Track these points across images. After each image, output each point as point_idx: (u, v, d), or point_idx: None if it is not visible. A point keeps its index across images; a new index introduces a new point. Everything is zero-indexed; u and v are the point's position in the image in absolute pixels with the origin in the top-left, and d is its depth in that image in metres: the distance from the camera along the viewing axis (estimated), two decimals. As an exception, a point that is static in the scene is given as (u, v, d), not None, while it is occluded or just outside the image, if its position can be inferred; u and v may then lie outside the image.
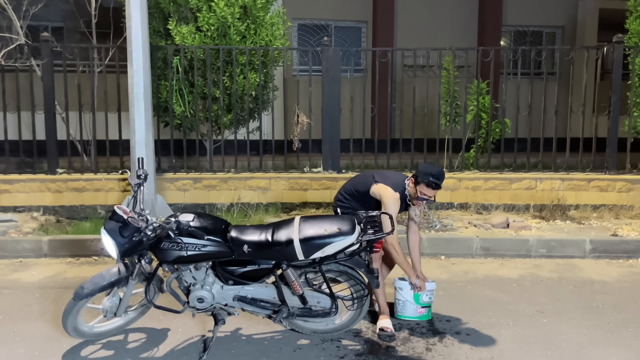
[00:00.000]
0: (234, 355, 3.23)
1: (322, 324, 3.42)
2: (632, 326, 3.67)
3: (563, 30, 13.86)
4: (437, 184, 3.42)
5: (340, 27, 13.02)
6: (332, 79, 6.64)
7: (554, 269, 4.95)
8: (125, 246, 2.96)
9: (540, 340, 3.45)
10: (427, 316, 3.69)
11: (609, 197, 6.48)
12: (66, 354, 3.23)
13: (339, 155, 6.75)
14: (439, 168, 3.56)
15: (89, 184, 6.43)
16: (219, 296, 3.21)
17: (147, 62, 5.53)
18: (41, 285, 4.45)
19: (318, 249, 3.03)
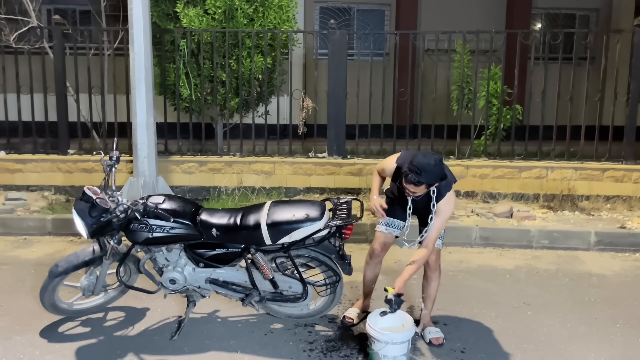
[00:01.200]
0: (205, 336, 3.26)
1: (296, 309, 3.41)
2: (621, 322, 3.53)
3: (598, 13, 13.30)
4: (412, 180, 2.83)
5: (362, 10, 12.83)
6: (339, 62, 6.54)
7: (553, 261, 4.80)
8: (93, 226, 3.01)
9: (518, 333, 3.36)
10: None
11: (624, 188, 6.22)
12: (45, 329, 3.32)
13: (345, 140, 6.68)
14: (429, 160, 2.83)
15: (98, 165, 6.56)
16: (191, 278, 3.24)
17: (149, 44, 5.56)
18: (38, 262, 4.58)
19: (285, 234, 3.01)
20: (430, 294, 3.31)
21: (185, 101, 6.76)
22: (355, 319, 3.41)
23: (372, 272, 3.46)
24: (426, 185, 2.89)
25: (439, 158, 2.85)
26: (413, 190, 2.92)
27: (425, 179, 2.83)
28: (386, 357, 2.79)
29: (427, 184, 2.88)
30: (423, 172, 2.80)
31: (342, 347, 3.14)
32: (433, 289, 3.31)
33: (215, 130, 7.17)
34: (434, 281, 3.30)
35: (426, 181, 2.85)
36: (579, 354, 3.10)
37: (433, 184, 2.91)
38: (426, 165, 2.81)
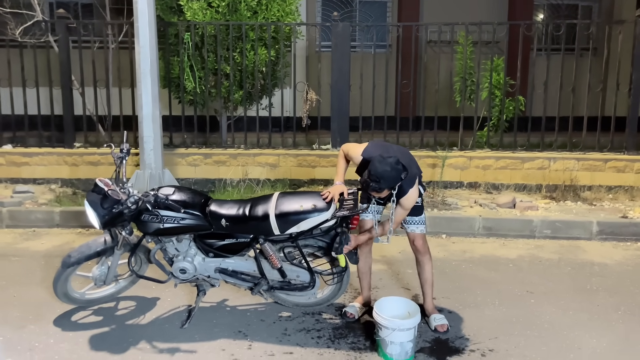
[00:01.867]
0: (215, 324, 3.32)
1: (304, 298, 3.47)
2: (622, 309, 3.59)
3: (600, 4, 13.26)
4: (372, 187, 2.90)
5: (365, 1, 12.83)
6: (342, 55, 6.58)
7: (555, 251, 4.86)
8: (105, 217, 3.07)
9: (522, 320, 3.42)
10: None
11: (626, 178, 6.27)
12: (58, 318, 3.39)
13: (348, 132, 6.72)
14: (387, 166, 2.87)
15: (104, 158, 6.63)
16: (201, 268, 3.30)
17: (154, 38, 5.60)
18: (48, 254, 4.66)
19: (293, 224, 3.07)
20: (427, 279, 3.38)
21: (189, 94, 6.81)
22: (357, 314, 3.44)
23: (364, 262, 3.50)
24: (388, 189, 2.98)
25: (394, 161, 2.89)
26: (377, 195, 3.05)
27: (385, 185, 2.91)
28: (393, 343, 2.86)
29: (389, 188, 2.97)
30: (382, 179, 2.88)
31: (349, 335, 3.21)
32: (428, 273, 3.38)
33: (220, 123, 7.22)
34: (426, 264, 3.37)
35: (387, 187, 2.93)
36: (581, 340, 3.16)
37: (394, 186, 2.99)
38: (383, 173, 2.88)
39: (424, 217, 3.34)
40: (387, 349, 2.88)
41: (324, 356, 2.96)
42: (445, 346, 3.09)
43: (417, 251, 3.34)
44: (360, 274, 3.52)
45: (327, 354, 2.98)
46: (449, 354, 3.00)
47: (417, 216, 3.26)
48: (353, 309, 3.45)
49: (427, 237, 4.18)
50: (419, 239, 3.29)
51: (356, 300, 3.55)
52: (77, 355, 2.96)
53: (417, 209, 3.25)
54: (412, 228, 3.27)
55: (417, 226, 3.28)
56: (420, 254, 3.34)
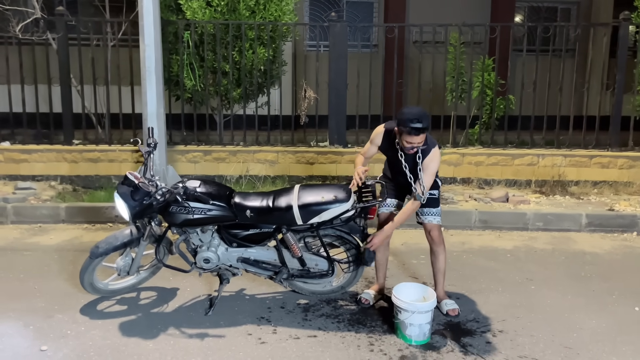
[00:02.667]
0: (237, 312, 3.47)
1: (320, 286, 3.65)
2: (616, 294, 3.85)
3: (578, 6, 13.71)
4: (418, 128, 3.02)
5: (352, 1, 13.03)
6: (339, 54, 6.76)
7: (548, 241, 5.12)
8: (136, 209, 3.19)
9: (525, 305, 3.65)
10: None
11: (610, 173, 6.59)
12: (83, 307, 3.50)
13: (345, 129, 6.91)
14: (418, 109, 3.11)
15: (104, 155, 6.69)
16: (224, 257, 3.44)
17: (159, 36, 5.70)
18: (59, 248, 4.73)
19: (315, 215, 3.24)
20: (440, 268, 3.57)
21: (188, 92, 6.91)
22: (372, 301, 3.62)
23: (382, 254, 3.67)
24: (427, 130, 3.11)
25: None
26: (418, 141, 3.10)
27: (426, 123, 3.05)
28: (412, 325, 3.05)
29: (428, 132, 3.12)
30: (422, 117, 3.04)
31: (367, 319, 3.40)
32: (441, 262, 3.56)
33: (217, 120, 7.33)
34: (440, 255, 3.55)
35: (427, 124, 3.06)
36: (582, 322, 3.40)
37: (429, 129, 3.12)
38: (420, 112, 3.07)
39: (440, 209, 3.51)
40: (406, 331, 3.08)
41: (346, 339, 3.14)
42: (458, 328, 3.30)
43: (432, 242, 3.51)
44: (378, 264, 3.68)
45: (349, 337, 3.16)
46: (462, 335, 3.20)
47: (434, 208, 3.45)
48: (368, 295, 3.63)
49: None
50: (435, 229, 3.47)
51: (371, 288, 3.72)
52: (110, 341, 3.07)
53: (434, 201, 3.44)
54: (429, 219, 3.45)
55: (434, 217, 3.46)
56: (436, 244, 3.51)
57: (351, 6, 13.04)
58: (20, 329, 3.20)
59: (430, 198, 3.38)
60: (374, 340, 3.12)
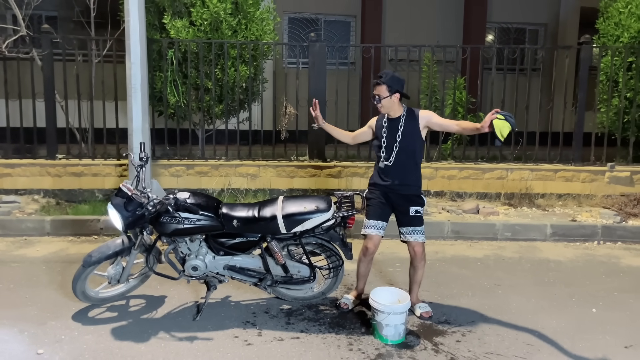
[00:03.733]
0: (224, 317, 3.66)
1: (301, 292, 3.87)
2: (576, 297, 4.16)
3: (546, 28, 14.35)
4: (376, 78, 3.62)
5: (329, 20, 13.41)
6: (319, 73, 7.05)
7: (516, 250, 5.44)
8: (129, 219, 3.38)
9: (493, 307, 3.93)
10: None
11: (573, 186, 6.98)
12: (75, 314, 3.65)
13: (324, 145, 7.18)
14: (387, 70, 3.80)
15: (87, 169, 6.82)
16: (211, 265, 3.64)
17: (145, 54, 5.90)
18: (46, 260, 4.86)
19: (298, 224, 3.47)
20: (417, 280, 3.82)
21: (171, 107, 7.11)
22: (350, 305, 3.84)
23: (366, 268, 3.90)
24: (387, 87, 3.57)
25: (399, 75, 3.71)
26: (377, 92, 3.61)
27: (384, 79, 3.57)
28: (388, 325, 3.29)
29: (387, 85, 3.57)
30: (384, 74, 3.61)
31: (346, 323, 3.62)
32: (419, 276, 3.81)
33: (198, 135, 7.53)
34: (420, 269, 3.79)
35: (385, 81, 3.57)
36: (544, 322, 3.68)
37: (392, 86, 3.59)
38: (389, 71, 3.66)
39: (424, 227, 3.73)
40: (382, 331, 3.31)
41: (327, 339, 3.36)
42: (430, 329, 3.55)
43: (415, 257, 3.75)
44: (360, 276, 3.91)
45: (330, 338, 3.38)
46: (434, 335, 3.45)
47: (419, 226, 3.68)
48: (347, 300, 3.86)
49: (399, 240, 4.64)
50: (419, 246, 3.71)
51: (351, 294, 3.95)
52: (103, 345, 3.24)
53: (418, 219, 3.68)
54: (414, 237, 3.67)
55: (419, 235, 3.68)
56: (417, 260, 3.75)
57: (329, 25, 13.43)
58: (16, 335, 3.34)
59: (415, 216, 3.63)
60: (353, 341, 3.35)
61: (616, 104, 7.26)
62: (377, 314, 3.33)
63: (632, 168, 7.00)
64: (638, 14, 7.06)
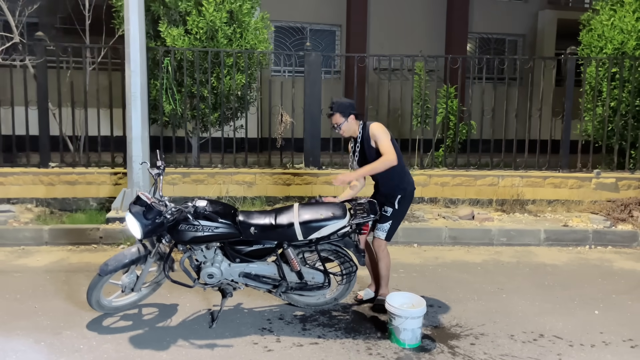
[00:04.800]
0: (239, 324, 3.69)
1: (314, 298, 3.92)
2: (577, 300, 4.30)
3: (524, 39, 14.76)
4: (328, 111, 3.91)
5: (315, 30, 13.56)
6: (314, 81, 7.14)
7: (513, 255, 5.59)
8: (148, 227, 3.38)
9: (500, 311, 4.04)
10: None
11: (561, 193, 7.20)
12: (89, 324, 3.63)
13: (319, 152, 7.26)
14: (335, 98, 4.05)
15: (81, 177, 6.75)
16: (227, 273, 3.67)
17: (144, 62, 5.90)
18: (48, 270, 4.80)
19: (315, 231, 3.53)
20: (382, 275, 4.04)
21: (166, 116, 7.10)
22: (363, 297, 4.12)
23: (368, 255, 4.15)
24: (340, 114, 3.85)
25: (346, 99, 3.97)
26: (334, 122, 3.89)
27: (336, 108, 3.85)
28: (406, 329, 3.37)
29: (339, 112, 3.84)
30: (334, 104, 3.89)
31: (361, 328, 3.69)
32: (384, 269, 4.03)
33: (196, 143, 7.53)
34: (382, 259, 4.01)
35: (337, 110, 3.85)
36: (551, 324, 3.81)
37: (343, 111, 3.86)
38: (337, 99, 3.93)
39: (388, 225, 3.96)
40: (400, 335, 3.39)
41: (345, 344, 3.42)
42: (443, 332, 3.64)
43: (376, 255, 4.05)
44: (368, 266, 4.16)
45: (348, 343, 3.44)
46: (449, 338, 3.54)
47: (381, 223, 3.95)
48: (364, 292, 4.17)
49: (401, 247, 4.92)
50: (376, 241, 4.00)
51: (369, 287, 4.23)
52: (123, 353, 3.23)
53: (384, 217, 3.94)
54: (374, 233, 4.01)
55: (377, 231, 3.98)
56: (377, 252, 4.03)
57: (314, 34, 13.57)
58: (33, 346, 3.31)
59: (381, 214, 3.91)
60: (371, 345, 3.42)
61: (600, 113, 7.53)
62: (394, 318, 3.40)
63: (616, 175, 7.25)
64: (621, 27, 7.35)
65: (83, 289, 4.23)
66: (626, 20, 7.30)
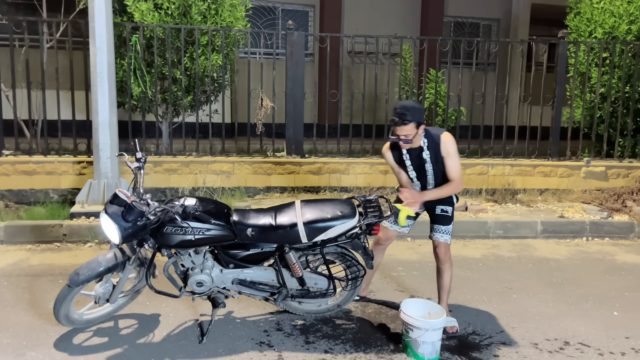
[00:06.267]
0: (233, 337, 3.24)
1: (314, 305, 3.50)
2: (591, 300, 4.04)
3: (499, 23, 14.56)
4: (397, 117, 3.11)
5: (287, 9, 12.99)
6: (297, 63, 6.65)
7: (511, 249, 5.31)
8: (128, 230, 2.88)
9: (515, 314, 3.73)
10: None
11: (551, 181, 6.98)
12: (57, 342, 3.11)
13: (302, 139, 6.80)
14: (408, 102, 3.20)
15: (40, 167, 6.10)
16: (218, 280, 3.21)
17: (111, 39, 5.29)
18: (6, 274, 4.21)
19: (321, 232, 3.10)
20: (444, 286, 3.53)
21: (134, 99, 6.49)
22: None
23: (377, 257, 3.69)
24: (415, 124, 3.12)
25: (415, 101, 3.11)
26: (404, 133, 3.13)
27: (410, 116, 3.08)
28: (425, 343, 2.99)
29: (415, 122, 3.11)
30: (406, 110, 3.09)
31: (371, 339, 3.29)
32: (446, 281, 3.53)
33: (168, 129, 6.94)
34: (446, 273, 3.51)
35: (412, 119, 3.09)
36: (572, 329, 3.51)
37: (420, 120, 3.14)
38: (407, 104, 3.13)
39: (451, 227, 3.46)
40: (419, 349, 3.01)
41: (357, 360, 3.03)
42: (462, 342, 3.29)
43: (438, 259, 3.49)
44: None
45: (360, 359, 3.05)
46: (469, 350, 3.20)
47: (445, 225, 3.42)
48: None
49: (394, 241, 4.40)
50: (442, 247, 3.44)
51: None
52: (101, 380, 2.75)
53: (447, 219, 3.42)
54: (437, 236, 3.43)
55: (442, 235, 3.42)
56: (442, 262, 3.48)
57: (287, 14, 12.99)
58: (-11, 373, 2.78)
59: (441, 215, 3.39)
60: (386, 361, 3.04)
61: (590, 100, 7.33)
62: (412, 330, 3.02)
63: (606, 163, 7.09)
64: (611, 10, 7.13)
65: (48, 297, 3.73)
66: (617, 3, 7.08)
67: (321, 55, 11.23)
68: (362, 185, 6.56)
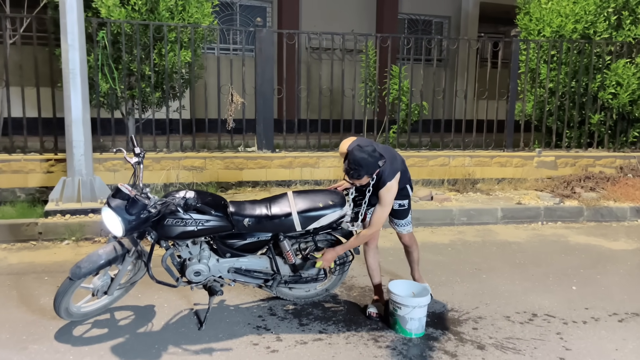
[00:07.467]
0: (230, 323, 3.40)
1: (303, 290, 3.70)
2: (551, 277, 4.43)
3: (450, 21, 15.11)
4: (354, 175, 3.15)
5: (245, 5, 13.02)
6: (266, 59, 6.79)
7: (476, 234, 5.68)
8: (132, 223, 2.97)
9: (486, 292, 4.05)
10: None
11: (507, 171, 7.44)
12: (57, 335, 3.17)
13: (273, 134, 6.95)
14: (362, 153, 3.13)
15: (5, 165, 5.98)
16: (214, 269, 3.35)
17: (83, 35, 5.26)
18: (-13, 273, 4.18)
19: (314, 221, 3.29)
20: (414, 259, 3.81)
21: (101, 95, 6.45)
22: (382, 313, 3.57)
23: (373, 259, 3.73)
24: (367, 176, 3.19)
25: (371, 149, 3.18)
26: (357, 182, 3.24)
27: (365, 171, 3.14)
28: (412, 319, 3.25)
29: (369, 174, 3.18)
30: (359, 166, 3.11)
31: (360, 319, 3.52)
32: (415, 255, 3.81)
33: (133, 126, 6.92)
34: (414, 251, 3.80)
35: (365, 173, 3.15)
36: (538, 303, 3.87)
37: (373, 172, 3.20)
38: (361, 160, 3.10)
39: (409, 218, 3.67)
40: (406, 325, 3.27)
41: (350, 338, 3.25)
42: (441, 318, 3.58)
43: (404, 245, 3.79)
44: (371, 271, 3.72)
45: (352, 337, 3.27)
46: (449, 324, 3.48)
47: (404, 219, 3.63)
48: (376, 308, 3.60)
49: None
50: (405, 237, 3.73)
51: (377, 300, 3.70)
52: (110, 367, 2.85)
53: (405, 212, 3.60)
54: (399, 229, 3.69)
55: (404, 227, 3.66)
56: (408, 246, 3.78)
57: (244, 10, 13.03)
58: (-4, 366, 2.83)
59: (399, 210, 3.56)
60: (377, 337, 3.27)
61: (540, 94, 7.84)
62: (400, 308, 3.27)
63: (555, 153, 7.62)
64: (558, 10, 7.64)
65: (36, 294, 3.77)
66: (564, 4, 7.60)
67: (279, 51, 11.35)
68: (333, 178, 6.78)
